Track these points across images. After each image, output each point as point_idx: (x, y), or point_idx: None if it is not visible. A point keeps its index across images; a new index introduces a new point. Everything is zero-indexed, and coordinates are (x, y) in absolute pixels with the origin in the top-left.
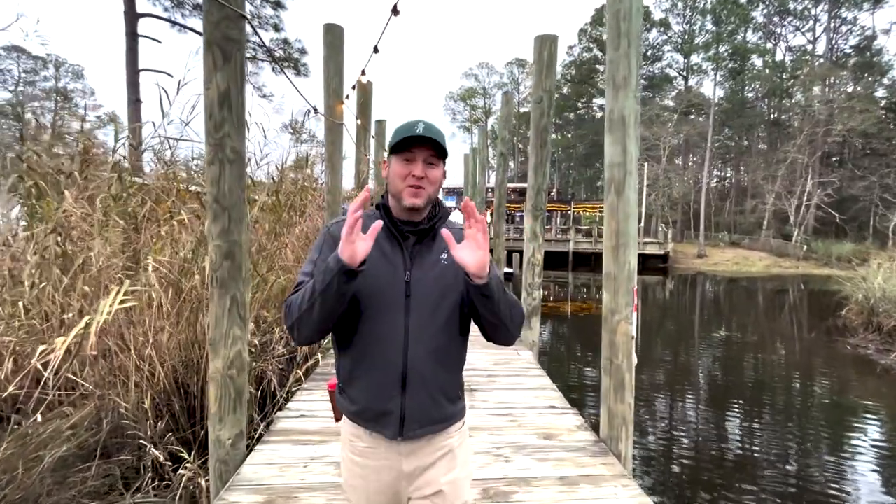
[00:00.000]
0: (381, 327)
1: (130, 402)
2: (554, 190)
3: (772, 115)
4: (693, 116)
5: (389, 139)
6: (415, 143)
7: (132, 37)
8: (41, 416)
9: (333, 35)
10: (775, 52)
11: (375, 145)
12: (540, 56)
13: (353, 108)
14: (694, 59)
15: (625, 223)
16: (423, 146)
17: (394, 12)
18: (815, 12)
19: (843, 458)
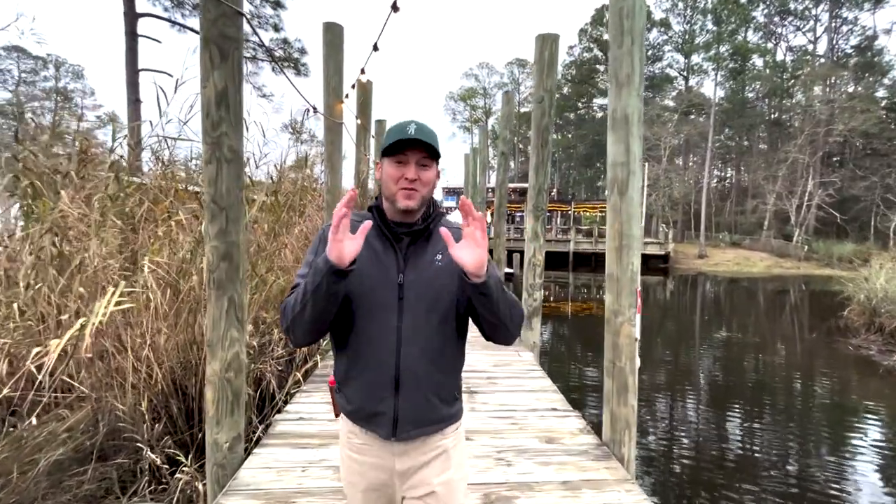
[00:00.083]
0: (373, 329)
1: (127, 404)
2: (554, 190)
3: (772, 116)
4: (693, 116)
5: (382, 140)
6: (407, 146)
7: (132, 37)
8: (37, 419)
9: (333, 34)
10: (776, 52)
11: (375, 145)
12: (541, 55)
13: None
14: (694, 59)
15: (628, 224)
16: (415, 148)
17: (393, 9)
18: (816, 12)
19: (845, 459)
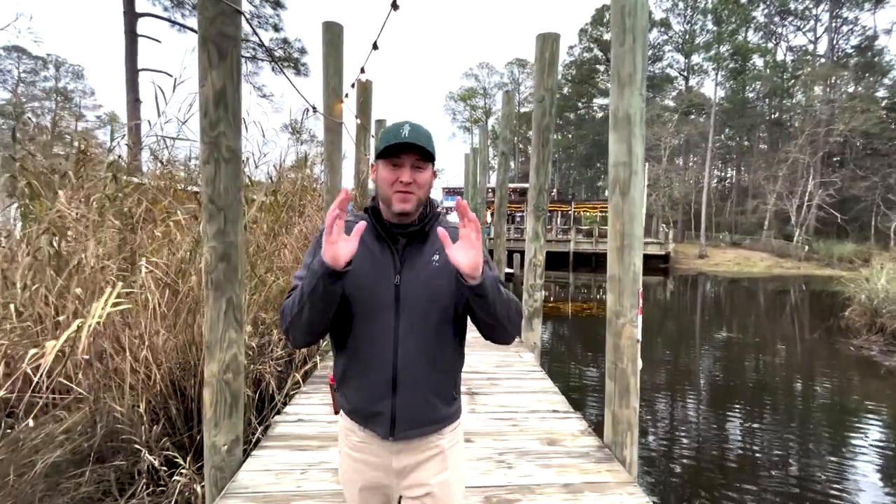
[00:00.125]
0: (371, 330)
1: (125, 405)
2: (554, 190)
3: (773, 116)
4: (694, 116)
5: (376, 142)
6: (402, 149)
7: (131, 36)
8: (34, 421)
9: (332, 33)
10: (776, 52)
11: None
12: (542, 55)
13: (352, 107)
14: (695, 59)
15: (630, 224)
16: (410, 151)
17: (393, 7)
18: (817, 12)
19: (846, 459)
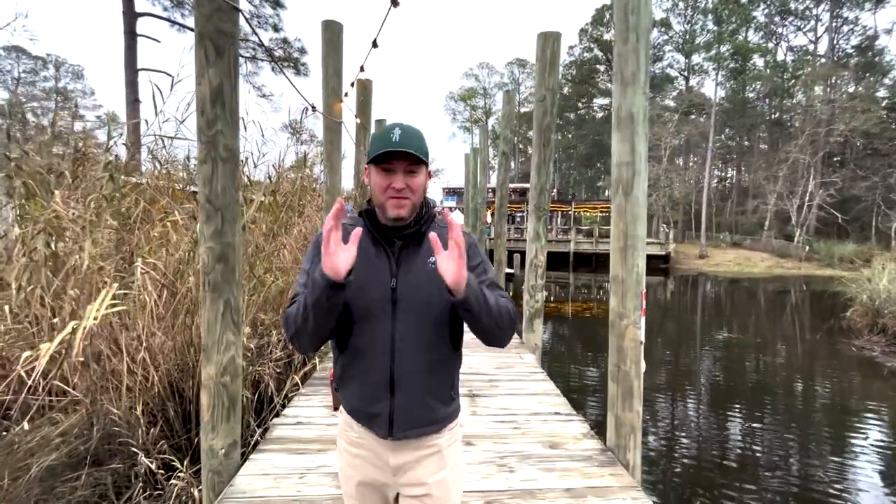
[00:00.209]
0: (369, 333)
1: (122, 407)
2: (554, 190)
3: (773, 116)
4: (694, 116)
5: (369, 146)
6: (393, 155)
7: (131, 36)
8: (29, 423)
9: (332, 32)
10: (776, 51)
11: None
12: (543, 53)
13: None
14: (695, 58)
15: (633, 224)
16: (401, 157)
17: (393, 4)
18: (817, 12)
19: (847, 460)
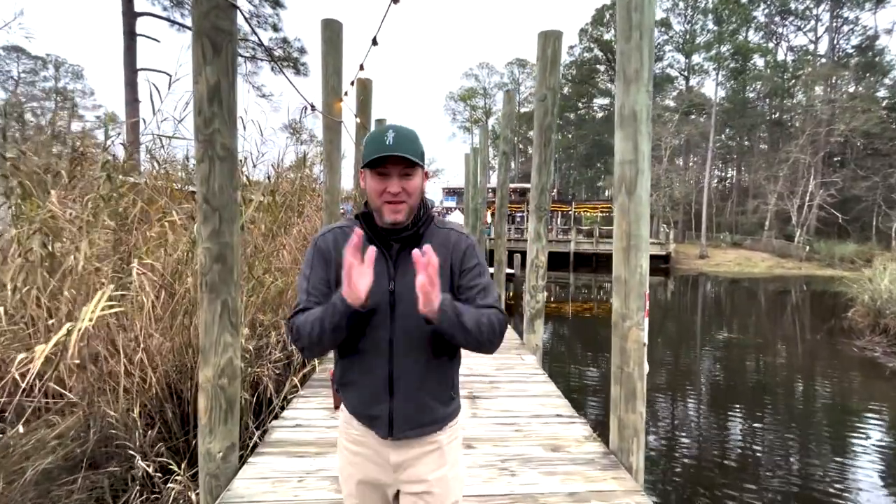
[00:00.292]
0: (368, 336)
1: (119, 409)
2: (555, 190)
3: (773, 116)
4: (694, 116)
5: (363, 149)
6: (388, 159)
7: (130, 36)
8: (25, 426)
9: (332, 31)
10: (777, 51)
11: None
12: (544, 53)
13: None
14: (695, 58)
15: (636, 224)
16: (396, 160)
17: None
18: (817, 12)
19: (848, 460)
